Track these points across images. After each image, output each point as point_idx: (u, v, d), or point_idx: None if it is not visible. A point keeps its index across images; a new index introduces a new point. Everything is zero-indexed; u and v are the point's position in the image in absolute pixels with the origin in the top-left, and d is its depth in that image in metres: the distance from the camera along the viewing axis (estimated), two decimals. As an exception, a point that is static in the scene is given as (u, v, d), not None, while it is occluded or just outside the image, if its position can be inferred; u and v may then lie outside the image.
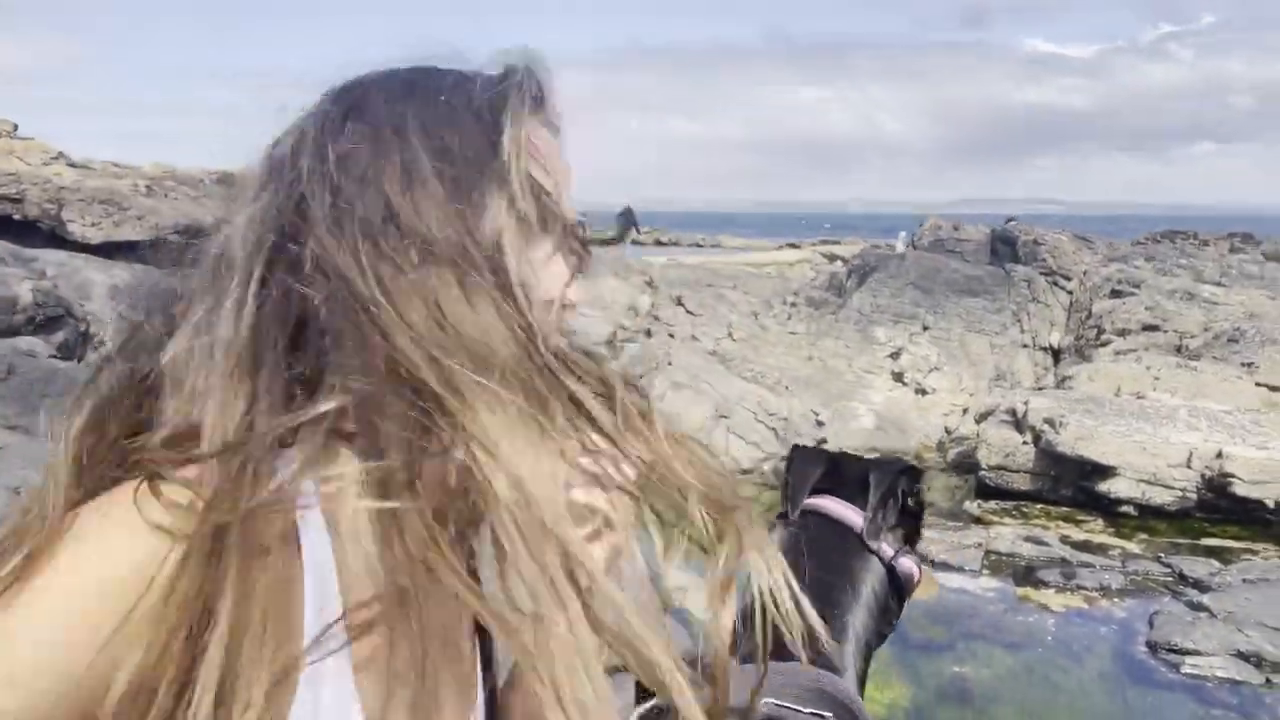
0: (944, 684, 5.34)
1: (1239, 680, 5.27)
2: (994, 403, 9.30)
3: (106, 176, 15.23)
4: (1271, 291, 12.69)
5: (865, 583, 0.93)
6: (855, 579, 0.93)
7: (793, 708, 0.75)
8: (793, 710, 0.75)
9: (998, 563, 6.99)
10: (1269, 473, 7.64)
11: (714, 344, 10.82)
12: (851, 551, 0.95)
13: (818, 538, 0.96)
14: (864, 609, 0.92)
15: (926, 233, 14.87)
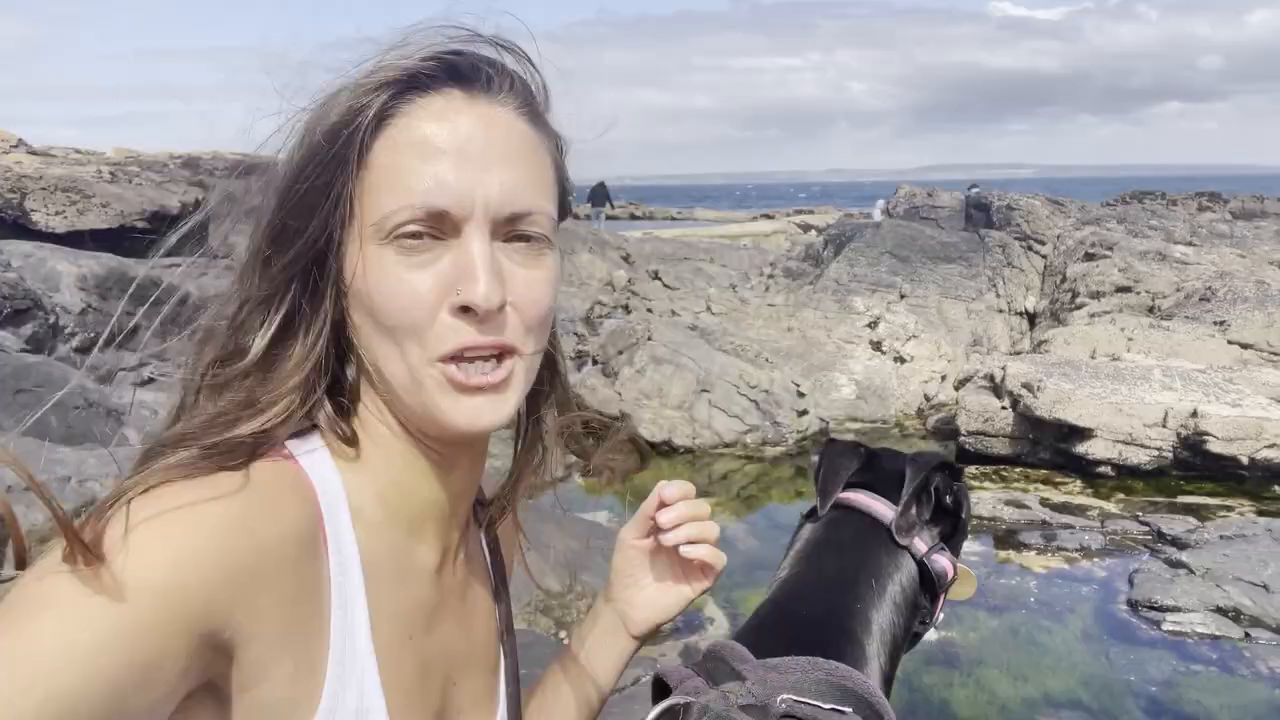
0: (930, 649, 5.40)
1: (1218, 635, 5.36)
2: (972, 369, 9.36)
3: (69, 164, 14.91)
4: (1241, 250, 12.83)
5: (892, 579, 0.92)
6: (882, 574, 0.92)
7: (812, 703, 0.74)
8: (812, 706, 0.73)
9: (979, 526, 7.06)
10: (1243, 430, 7.76)
11: (693, 318, 10.80)
12: (880, 546, 0.94)
13: (848, 534, 0.94)
14: (890, 605, 0.91)
15: (901, 199, 14.89)
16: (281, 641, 0.65)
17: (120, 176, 14.73)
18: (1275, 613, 5.45)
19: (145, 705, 0.57)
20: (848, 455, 1.00)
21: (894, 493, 0.97)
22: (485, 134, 0.71)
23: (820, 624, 0.86)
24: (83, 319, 7.87)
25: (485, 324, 0.70)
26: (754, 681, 0.75)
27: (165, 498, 0.62)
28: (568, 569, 5.46)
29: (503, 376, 0.73)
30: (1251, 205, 26.79)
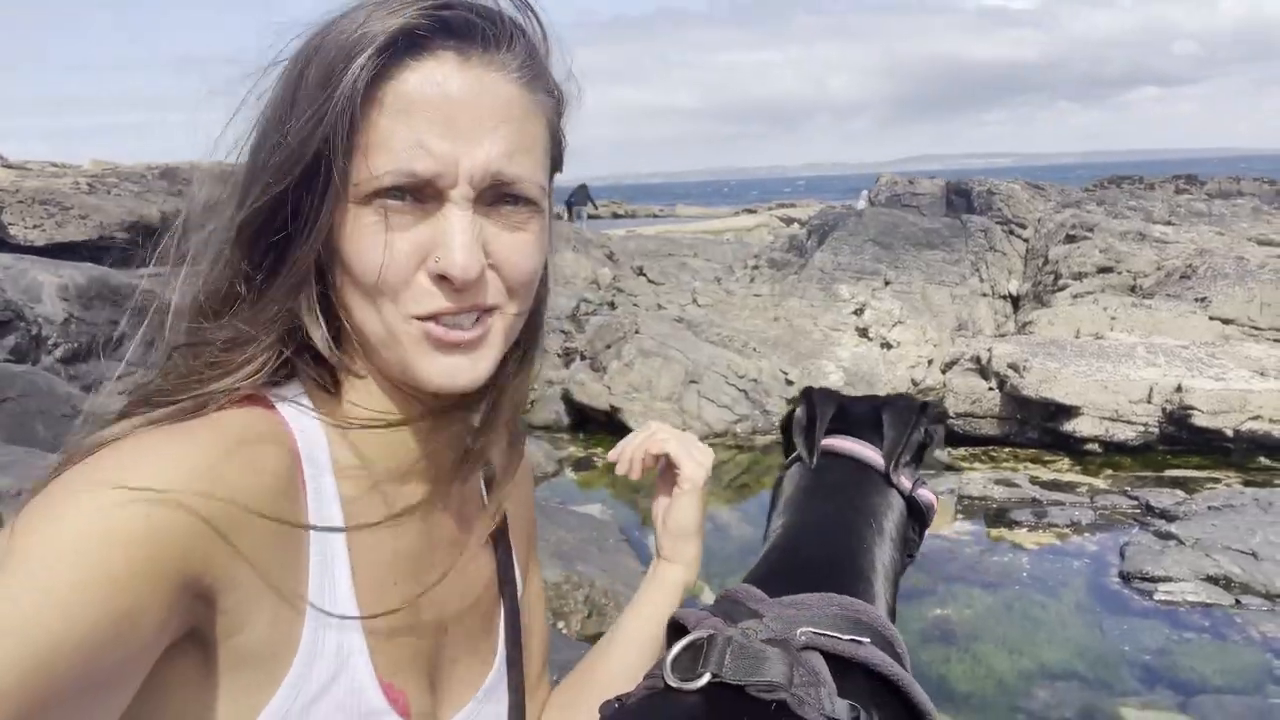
0: (927, 627, 5.43)
1: (1210, 603, 5.42)
2: (958, 351, 9.42)
3: (45, 176, 14.78)
4: (1220, 227, 12.96)
5: (888, 517, 0.95)
6: (879, 515, 0.94)
7: (832, 634, 0.75)
8: (832, 637, 0.75)
9: (970, 506, 7.11)
10: (1227, 403, 7.84)
11: (680, 310, 10.82)
12: (873, 488, 0.96)
13: (839, 478, 0.96)
14: (889, 542, 0.94)
15: (882, 188, 14.96)
16: (261, 587, 0.65)
17: (98, 188, 14.62)
18: (1264, 579, 5.51)
19: (126, 654, 0.56)
20: (827, 403, 1.02)
21: (870, 435, 1.00)
22: (475, 100, 0.69)
23: (829, 564, 0.87)
24: (65, 329, 7.81)
25: (463, 292, 0.70)
26: (772, 618, 0.76)
27: (137, 448, 0.62)
28: (562, 560, 5.47)
29: (480, 333, 0.72)
30: (1228, 186, 27.06)
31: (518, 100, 0.71)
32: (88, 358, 7.90)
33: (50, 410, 5.77)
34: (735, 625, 0.75)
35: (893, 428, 0.98)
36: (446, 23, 0.69)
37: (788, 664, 0.70)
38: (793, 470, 1.00)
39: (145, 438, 0.63)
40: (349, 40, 0.67)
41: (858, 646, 0.74)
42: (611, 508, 7.56)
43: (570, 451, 8.96)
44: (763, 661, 0.70)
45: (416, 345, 0.71)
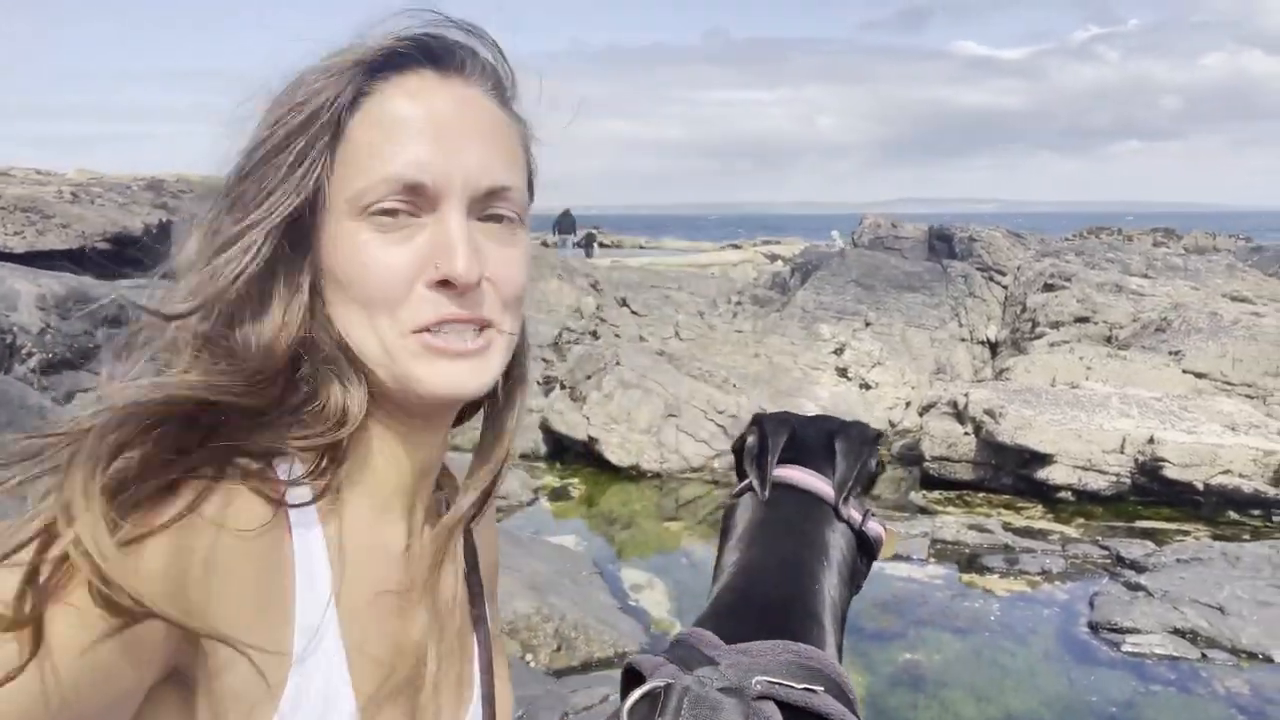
0: (896, 671, 5.42)
1: (1176, 656, 5.45)
2: (936, 395, 9.49)
3: (29, 184, 14.69)
4: (1195, 282, 13.18)
5: (839, 553, 0.95)
6: (830, 551, 0.94)
7: (786, 684, 0.76)
8: (786, 686, 0.76)
9: (943, 551, 7.14)
10: (1198, 456, 7.93)
11: (661, 343, 10.85)
12: (825, 523, 0.96)
13: (791, 512, 0.96)
14: (838, 579, 0.94)
15: (866, 230, 15.13)
16: (246, 628, 0.65)
17: (82, 197, 14.53)
18: (1230, 634, 5.55)
19: (115, 694, 0.58)
20: (780, 432, 1.01)
21: (821, 463, 0.99)
22: (460, 111, 0.71)
23: (782, 606, 0.88)
24: (41, 339, 7.73)
25: (464, 297, 0.70)
26: (727, 665, 0.77)
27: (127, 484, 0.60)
28: (534, 591, 5.43)
29: (483, 344, 0.73)
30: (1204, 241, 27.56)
31: (498, 115, 0.75)
32: (63, 368, 7.81)
33: (20, 421, 5.69)
34: (691, 673, 0.76)
35: (845, 459, 0.98)
36: (426, 46, 0.72)
37: (743, 714, 0.71)
38: (744, 500, 0.99)
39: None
40: (333, 64, 0.70)
41: (811, 695, 0.75)
42: (586, 540, 7.53)
43: (546, 481, 8.93)
44: (719, 711, 0.71)
45: (415, 357, 0.71)
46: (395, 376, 0.72)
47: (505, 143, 0.75)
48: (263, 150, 0.70)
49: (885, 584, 6.66)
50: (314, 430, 0.71)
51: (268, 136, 0.70)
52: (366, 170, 0.69)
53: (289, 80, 0.72)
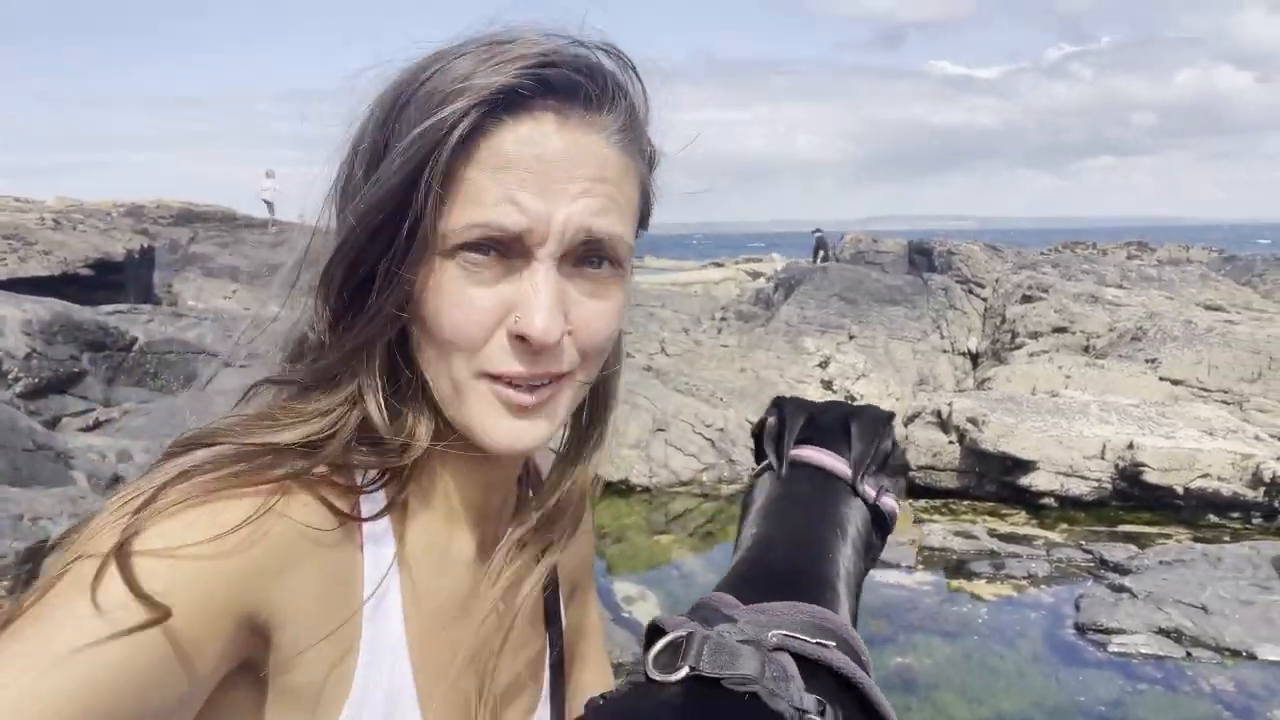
0: (888, 674, 5.48)
1: (1162, 655, 5.54)
2: (920, 405, 9.61)
3: (10, 211, 14.62)
4: (1169, 292, 13.41)
5: (853, 526, 0.98)
6: (845, 524, 0.98)
7: (800, 637, 0.80)
8: (800, 639, 0.80)
9: (930, 557, 7.22)
10: (1177, 460, 8.07)
11: (648, 359, 10.93)
12: (840, 498, 0.99)
13: (808, 488, 0.99)
14: (853, 550, 0.98)
15: (848, 245, 15.30)
16: (316, 625, 0.66)
17: (64, 224, 14.48)
18: (1214, 632, 5.65)
19: (185, 685, 0.59)
20: (798, 413, 1.06)
21: (838, 444, 1.04)
22: (571, 161, 0.67)
23: (798, 573, 0.92)
24: (27, 364, 7.70)
25: (540, 355, 0.68)
26: (745, 621, 0.82)
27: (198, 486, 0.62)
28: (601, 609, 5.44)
29: (548, 395, 0.71)
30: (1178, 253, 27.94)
31: (613, 162, 0.70)
32: (49, 392, 7.78)
33: (11, 444, 5.68)
34: (711, 628, 0.80)
35: (860, 439, 1.02)
36: (548, 81, 0.67)
37: (760, 660, 0.75)
38: (763, 479, 1.03)
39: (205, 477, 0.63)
40: (449, 92, 0.66)
41: (823, 649, 0.79)
42: (579, 554, 7.55)
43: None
44: (737, 657, 0.75)
45: (484, 404, 0.70)
46: (463, 418, 0.71)
47: (618, 190, 0.70)
48: (369, 183, 0.68)
49: (875, 590, 6.73)
50: (380, 451, 0.72)
51: (373, 163, 0.68)
52: (465, 209, 0.66)
53: (399, 95, 0.69)
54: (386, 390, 0.72)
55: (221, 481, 0.63)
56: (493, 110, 0.66)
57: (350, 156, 0.71)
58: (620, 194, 0.71)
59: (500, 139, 0.66)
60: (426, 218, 0.66)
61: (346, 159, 0.71)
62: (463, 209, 0.66)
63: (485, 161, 0.66)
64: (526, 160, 0.66)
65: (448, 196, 0.66)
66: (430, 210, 0.65)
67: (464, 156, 0.66)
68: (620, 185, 0.71)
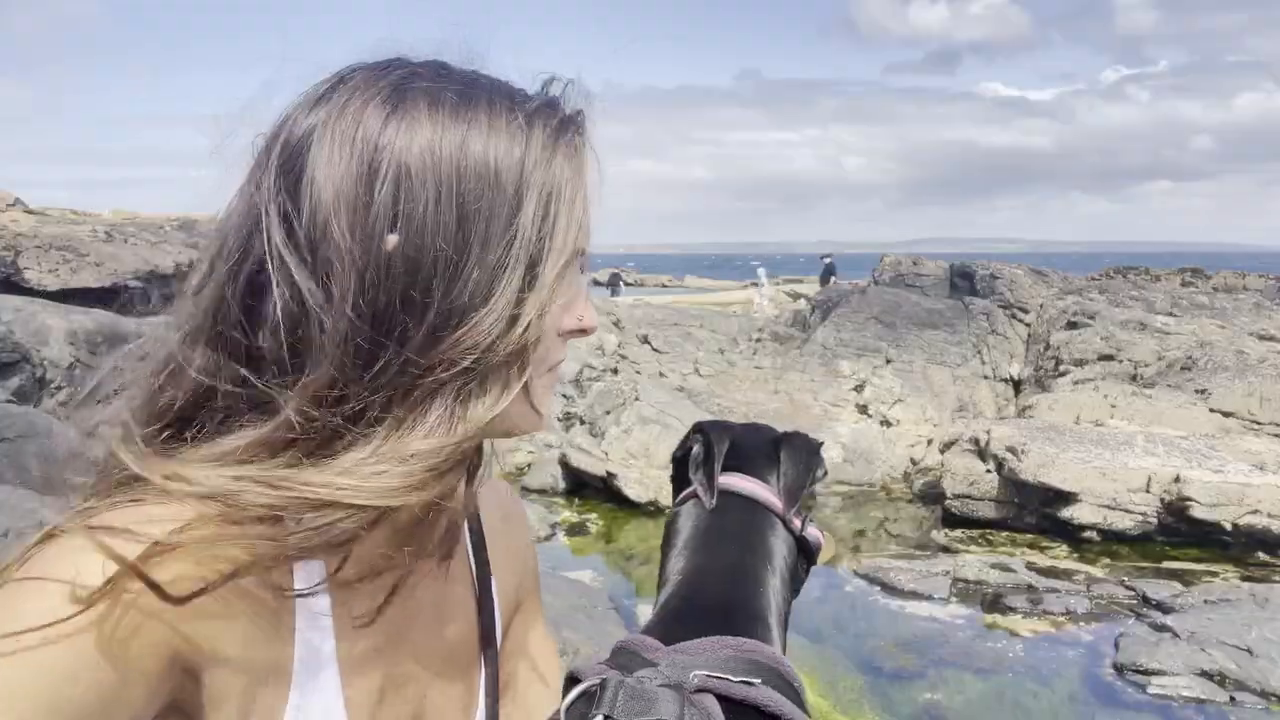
0: (916, 711, 5.33)
1: (1204, 699, 5.32)
2: (957, 432, 9.41)
3: (64, 223, 15.06)
4: (1221, 321, 13.03)
5: (782, 559, 0.96)
6: (774, 557, 0.95)
7: (725, 677, 0.76)
8: (724, 679, 0.76)
9: (965, 590, 7.03)
10: (1226, 495, 7.79)
11: (681, 379, 10.86)
12: (769, 529, 0.97)
13: (735, 519, 0.96)
14: (782, 583, 0.95)
15: (886, 267, 15.12)
16: (246, 660, 0.66)
17: (116, 236, 14.87)
18: (1259, 676, 5.41)
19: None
20: (721, 439, 1.03)
21: (763, 470, 1.01)
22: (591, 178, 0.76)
23: (732, 610, 0.88)
24: (70, 373, 7.88)
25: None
26: (666, 664, 0.78)
27: (127, 522, 0.62)
28: (549, 625, 5.40)
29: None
30: (1233, 281, 27.24)
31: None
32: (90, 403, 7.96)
33: (48, 451, 5.79)
34: (630, 673, 0.76)
35: (793, 468, 0.99)
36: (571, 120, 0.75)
37: (680, 705, 0.71)
38: (687, 508, 0.99)
39: (127, 513, 0.63)
40: (522, 139, 0.70)
41: (749, 688, 0.75)
42: (603, 575, 7.50)
43: (564, 516, 8.92)
44: (655, 703, 0.71)
45: (547, 393, 0.77)
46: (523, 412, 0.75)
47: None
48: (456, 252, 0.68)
49: (906, 623, 6.58)
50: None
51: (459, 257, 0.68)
52: (563, 234, 0.71)
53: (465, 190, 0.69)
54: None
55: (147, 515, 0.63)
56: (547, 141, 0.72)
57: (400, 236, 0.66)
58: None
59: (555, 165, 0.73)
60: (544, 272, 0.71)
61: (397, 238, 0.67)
62: (565, 234, 0.72)
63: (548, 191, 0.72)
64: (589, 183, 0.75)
65: (551, 231, 0.72)
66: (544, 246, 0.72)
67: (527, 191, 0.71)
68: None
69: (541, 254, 0.70)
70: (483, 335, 0.68)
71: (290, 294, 0.66)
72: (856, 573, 7.36)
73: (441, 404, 0.68)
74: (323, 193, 0.66)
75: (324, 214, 0.65)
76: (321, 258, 0.66)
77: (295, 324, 0.66)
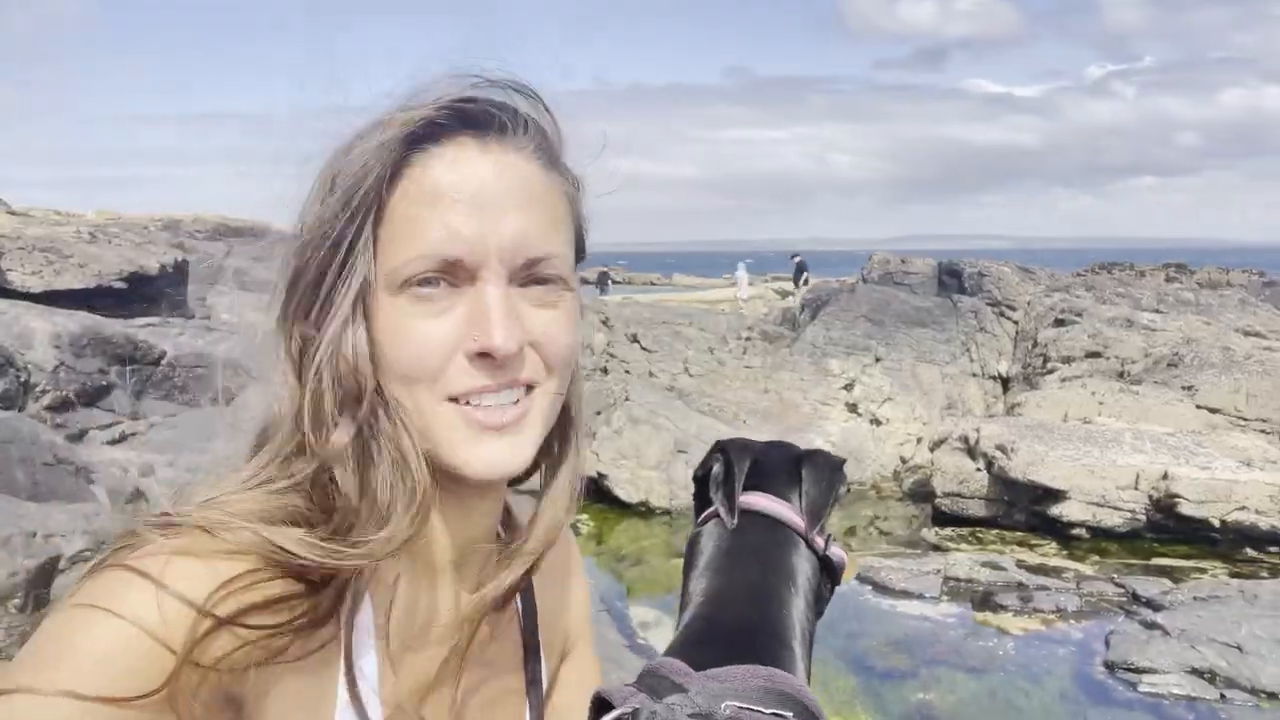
0: (909, 711, 5.34)
1: (1194, 696, 5.35)
2: (947, 430, 9.43)
3: (48, 224, 14.90)
4: (1206, 317, 13.11)
5: (806, 579, 0.94)
6: (797, 577, 0.94)
7: (755, 709, 0.75)
8: (755, 711, 0.75)
9: (956, 588, 7.05)
10: (1213, 492, 7.83)
11: (671, 379, 10.85)
12: (792, 549, 0.95)
13: (758, 539, 0.94)
14: (805, 604, 0.93)
15: (875, 266, 15.15)
16: (290, 699, 0.66)
17: (100, 237, 14.73)
18: (1249, 673, 5.44)
19: None
20: (742, 458, 1.02)
21: (785, 489, 0.99)
22: (498, 180, 0.70)
23: (755, 633, 0.87)
24: (55, 376, 7.80)
25: (503, 367, 0.70)
26: (697, 692, 0.76)
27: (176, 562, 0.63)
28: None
29: (520, 413, 0.72)
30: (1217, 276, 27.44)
31: (538, 178, 0.72)
32: (76, 406, 7.87)
33: (32, 458, 5.73)
34: (660, 700, 0.74)
35: (815, 487, 0.97)
36: (466, 113, 0.70)
37: None
38: (709, 528, 0.97)
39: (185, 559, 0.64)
40: (373, 137, 0.69)
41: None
42: (594, 577, 7.48)
43: (555, 518, 8.89)
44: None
45: (454, 430, 0.70)
46: (435, 448, 0.71)
47: (547, 208, 0.73)
48: (321, 241, 0.69)
49: (897, 622, 6.58)
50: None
51: (322, 225, 0.69)
52: (405, 245, 0.68)
53: (334, 154, 0.71)
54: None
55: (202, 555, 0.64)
56: (414, 143, 0.69)
57: (298, 228, 0.72)
58: (550, 209, 0.73)
59: (427, 169, 0.69)
60: (366, 258, 0.68)
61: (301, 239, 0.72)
62: (403, 245, 0.68)
63: (416, 194, 0.68)
64: (456, 185, 0.68)
65: (387, 236, 0.68)
66: (371, 249, 0.68)
67: (397, 192, 0.68)
68: (548, 200, 0.73)
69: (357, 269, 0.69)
70: (323, 362, 0.69)
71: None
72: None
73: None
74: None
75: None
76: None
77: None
